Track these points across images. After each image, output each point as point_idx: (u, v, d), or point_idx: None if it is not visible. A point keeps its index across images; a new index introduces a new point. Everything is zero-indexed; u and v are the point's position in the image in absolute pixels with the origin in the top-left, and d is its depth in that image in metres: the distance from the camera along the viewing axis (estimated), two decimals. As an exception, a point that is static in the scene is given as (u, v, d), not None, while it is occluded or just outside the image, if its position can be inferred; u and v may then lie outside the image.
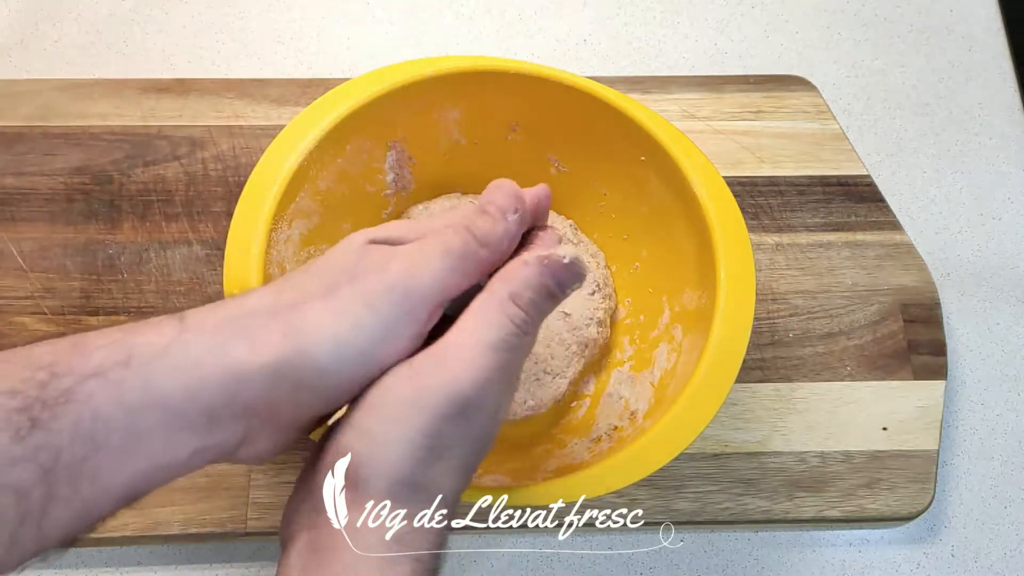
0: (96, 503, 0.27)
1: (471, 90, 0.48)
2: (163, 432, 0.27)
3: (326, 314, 0.28)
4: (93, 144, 0.56)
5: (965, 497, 0.52)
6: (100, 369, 0.26)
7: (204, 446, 0.28)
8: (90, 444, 0.26)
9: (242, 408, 0.28)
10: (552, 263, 0.29)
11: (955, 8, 0.67)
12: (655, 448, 0.40)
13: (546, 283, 0.30)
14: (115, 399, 0.26)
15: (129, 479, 0.27)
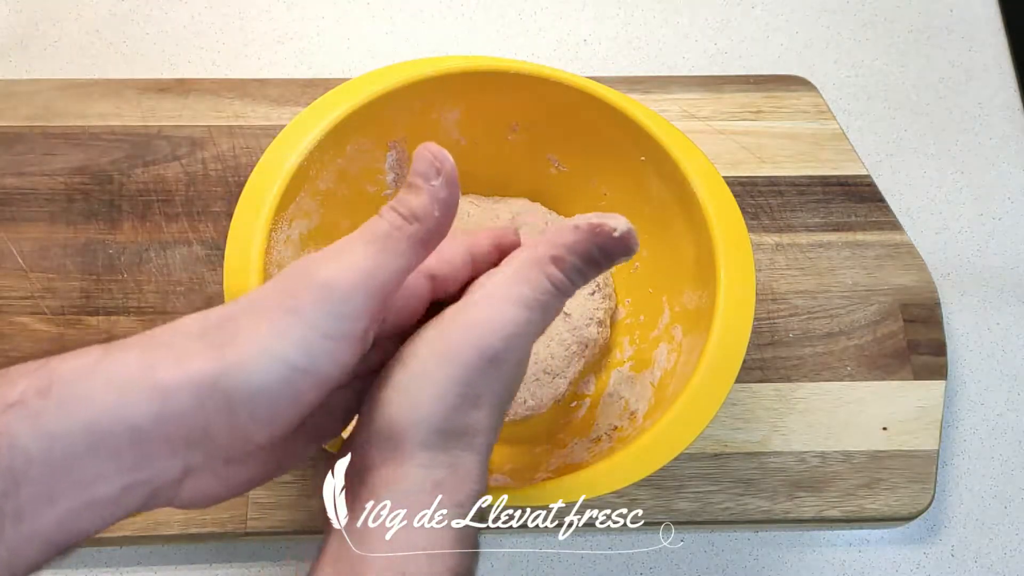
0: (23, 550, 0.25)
1: (471, 90, 0.48)
2: (88, 461, 0.25)
3: (251, 328, 0.27)
4: (93, 144, 0.56)
5: (965, 497, 0.52)
6: (20, 398, 0.25)
7: (137, 480, 0.26)
8: (9, 479, 0.24)
9: (173, 430, 0.26)
10: (603, 232, 0.29)
11: (955, 8, 0.67)
12: (655, 448, 0.40)
13: (592, 251, 0.29)
14: (33, 428, 0.24)
15: (57, 520, 0.25)
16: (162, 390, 0.25)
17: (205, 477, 0.28)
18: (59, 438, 0.24)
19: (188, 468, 0.27)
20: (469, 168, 0.52)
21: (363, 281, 0.28)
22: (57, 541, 0.26)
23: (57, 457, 0.24)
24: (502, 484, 0.44)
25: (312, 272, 0.28)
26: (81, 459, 0.25)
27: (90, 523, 0.26)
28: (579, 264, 0.29)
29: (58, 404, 0.25)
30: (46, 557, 0.26)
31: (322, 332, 0.27)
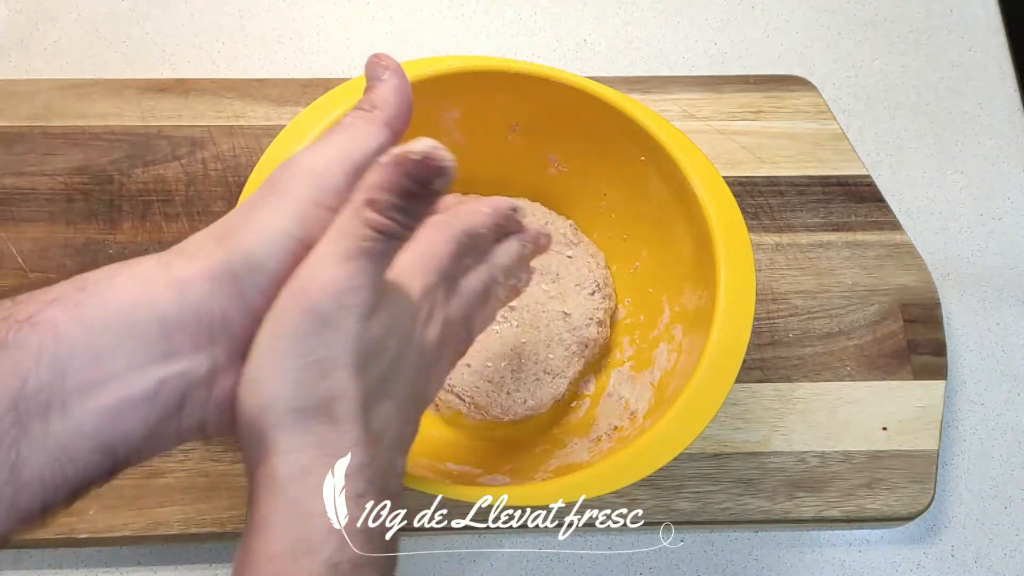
0: (73, 447, 0.26)
1: (471, 90, 0.48)
2: (124, 350, 0.27)
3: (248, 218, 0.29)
4: (93, 144, 0.56)
5: (965, 497, 0.52)
6: (59, 296, 0.27)
7: (170, 373, 0.27)
8: (55, 368, 0.26)
9: (193, 320, 0.28)
10: (404, 160, 0.27)
11: (955, 8, 0.67)
12: (655, 448, 0.40)
13: (401, 182, 0.27)
14: (75, 319, 0.26)
15: (99, 414, 0.26)
16: (179, 283, 0.28)
17: (234, 379, 0.29)
18: (97, 328, 0.27)
19: (215, 365, 0.28)
20: (469, 168, 0.52)
21: (339, 160, 0.30)
22: (104, 442, 0.27)
23: (97, 345, 0.26)
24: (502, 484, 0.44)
25: (293, 164, 0.30)
26: (117, 348, 0.27)
27: (133, 423, 0.27)
28: (394, 200, 0.27)
29: (93, 297, 0.27)
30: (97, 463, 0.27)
31: (312, 202, 0.29)
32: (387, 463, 0.30)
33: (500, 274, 0.38)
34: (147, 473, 0.48)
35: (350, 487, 0.27)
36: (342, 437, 0.28)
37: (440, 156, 0.27)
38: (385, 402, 0.30)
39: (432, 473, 0.44)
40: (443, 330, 0.34)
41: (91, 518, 0.47)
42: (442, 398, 0.50)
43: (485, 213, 0.36)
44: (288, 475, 0.27)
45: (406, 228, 0.28)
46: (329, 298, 0.27)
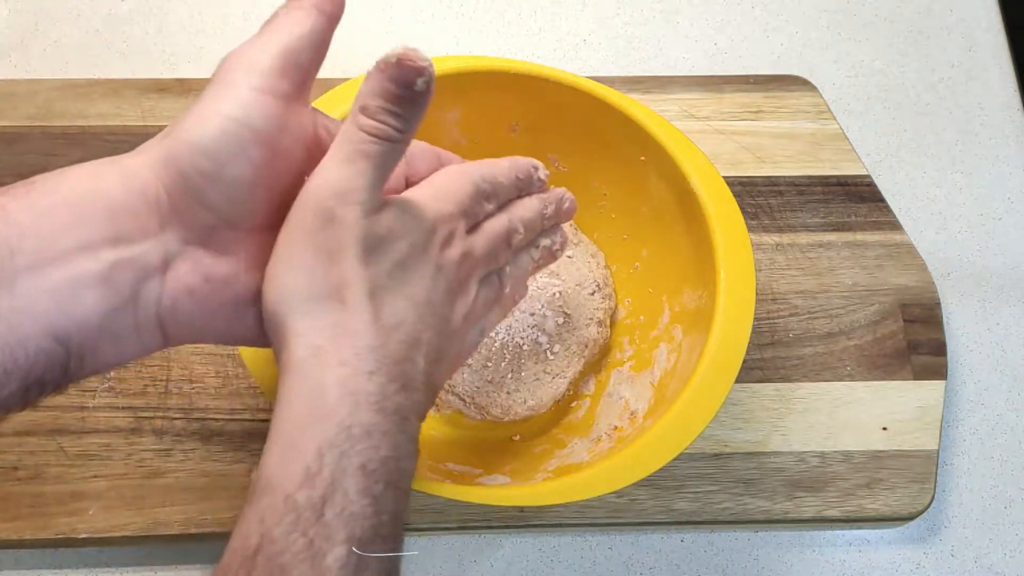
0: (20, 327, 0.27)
1: (471, 90, 0.48)
2: (72, 231, 0.28)
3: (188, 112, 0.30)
4: (93, 144, 0.56)
5: (965, 497, 0.52)
6: (9, 190, 0.28)
7: (120, 258, 0.29)
8: (5, 249, 0.27)
9: (140, 204, 0.29)
10: (386, 65, 0.29)
11: (955, 8, 0.67)
12: (655, 448, 0.40)
13: (386, 86, 0.29)
14: (24, 205, 0.28)
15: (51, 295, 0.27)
16: (126, 170, 0.29)
17: (186, 268, 0.30)
18: (45, 211, 0.28)
19: (167, 253, 0.30)
20: (469, 168, 0.52)
21: (271, 45, 0.31)
22: (55, 325, 0.28)
23: (45, 227, 0.28)
24: (502, 484, 0.44)
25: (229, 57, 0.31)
26: (66, 229, 0.28)
27: (85, 306, 0.28)
28: (383, 104, 0.29)
29: (42, 187, 0.29)
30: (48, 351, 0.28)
31: (247, 86, 0.30)
32: (402, 354, 0.31)
33: (521, 226, 0.39)
34: (147, 473, 0.48)
35: (360, 363, 0.29)
36: (352, 318, 0.30)
37: (414, 56, 0.29)
38: (397, 298, 0.31)
39: (432, 473, 0.44)
40: (463, 260, 0.35)
41: (91, 518, 0.47)
42: (442, 398, 0.50)
43: (503, 164, 0.38)
44: (303, 355, 0.29)
45: (398, 131, 0.30)
46: (333, 196, 0.30)
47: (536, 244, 0.41)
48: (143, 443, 0.49)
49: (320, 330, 0.29)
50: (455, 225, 0.35)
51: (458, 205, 0.35)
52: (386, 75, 0.29)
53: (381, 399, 0.29)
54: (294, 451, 0.28)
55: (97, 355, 0.29)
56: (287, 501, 0.27)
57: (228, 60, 0.31)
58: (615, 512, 0.48)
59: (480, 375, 0.49)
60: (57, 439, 0.49)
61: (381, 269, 0.31)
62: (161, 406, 0.50)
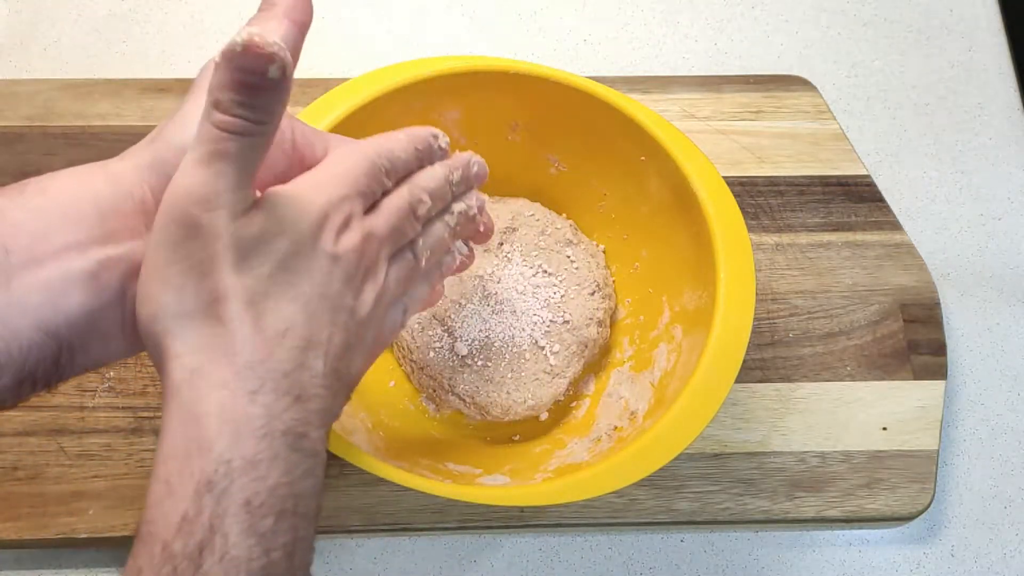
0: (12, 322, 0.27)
1: (471, 90, 0.48)
2: (63, 229, 0.29)
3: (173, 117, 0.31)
4: (93, 144, 0.56)
5: (965, 497, 0.52)
6: (3, 191, 0.29)
7: (109, 256, 0.29)
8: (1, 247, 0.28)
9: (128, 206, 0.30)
10: (230, 53, 0.26)
11: (955, 8, 0.67)
12: (655, 448, 0.40)
13: (234, 76, 0.26)
14: (18, 205, 0.29)
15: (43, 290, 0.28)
16: (114, 174, 0.30)
17: None
18: (38, 211, 0.29)
19: None
20: (469, 168, 0.52)
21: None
22: (46, 321, 0.28)
23: (39, 225, 0.29)
24: (502, 484, 0.44)
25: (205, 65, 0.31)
26: (58, 227, 0.29)
27: (75, 303, 0.29)
28: (235, 96, 0.27)
29: (34, 188, 0.30)
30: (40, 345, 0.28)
31: None
32: (293, 363, 0.29)
33: (426, 196, 0.36)
34: (147, 473, 0.48)
35: (241, 383, 0.27)
36: (229, 335, 0.28)
37: (262, 42, 0.26)
38: (281, 302, 0.29)
39: (432, 473, 0.44)
40: (366, 243, 0.33)
41: (91, 518, 0.47)
42: (442, 398, 0.50)
43: (399, 136, 0.36)
44: (180, 378, 0.27)
45: (257, 124, 0.27)
46: (194, 203, 0.27)
47: (450, 211, 0.39)
48: (143, 443, 0.49)
49: (195, 350, 0.27)
50: (350, 208, 0.32)
51: (352, 186, 0.33)
52: (234, 65, 0.26)
53: (268, 421, 0.27)
54: (170, 493, 0.26)
55: (86, 351, 0.30)
56: (164, 551, 0.25)
57: (206, 67, 0.32)
58: (615, 512, 0.48)
59: (480, 375, 0.49)
60: (57, 439, 0.49)
61: (260, 274, 0.29)
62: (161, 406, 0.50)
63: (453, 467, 0.46)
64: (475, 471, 0.46)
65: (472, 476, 0.46)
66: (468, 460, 0.48)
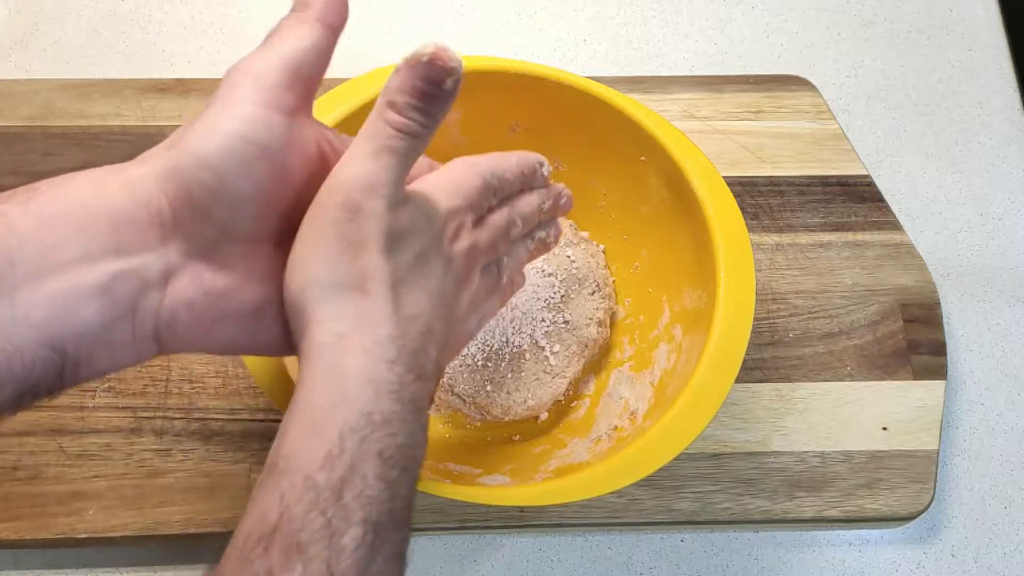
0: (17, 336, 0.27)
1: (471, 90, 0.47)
2: (74, 241, 0.28)
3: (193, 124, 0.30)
4: (93, 144, 0.56)
5: (965, 497, 0.52)
6: (12, 195, 0.28)
7: (121, 269, 0.29)
8: (5, 258, 0.27)
9: (144, 217, 0.29)
10: (415, 62, 0.29)
11: (955, 8, 0.67)
12: (655, 448, 0.40)
13: (415, 83, 0.30)
14: (27, 212, 0.28)
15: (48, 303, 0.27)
16: (130, 180, 0.29)
17: (186, 282, 0.30)
18: (48, 220, 0.28)
19: (168, 266, 0.30)
20: (469, 168, 0.52)
21: (276, 59, 0.31)
22: (53, 335, 0.27)
23: (47, 236, 0.28)
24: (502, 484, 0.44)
25: (234, 70, 0.31)
26: (68, 239, 0.28)
27: (84, 318, 0.28)
28: (411, 101, 0.30)
29: (46, 194, 0.29)
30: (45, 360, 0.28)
31: (252, 102, 0.30)
32: (419, 344, 0.31)
33: (520, 220, 0.40)
34: (147, 473, 0.48)
35: (381, 352, 0.30)
36: (374, 309, 0.30)
37: (447, 56, 0.29)
38: (415, 290, 0.32)
39: (432, 473, 0.44)
40: (470, 252, 0.36)
41: (91, 518, 0.47)
42: (442, 398, 0.50)
43: (512, 159, 0.39)
44: (326, 341, 0.29)
45: (424, 127, 0.30)
46: (360, 189, 0.30)
47: (532, 236, 0.42)
48: (143, 443, 0.49)
49: (343, 318, 0.30)
50: (464, 219, 0.36)
51: (467, 199, 0.36)
52: (416, 72, 0.29)
53: (400, 388, 0.30)
54: (316, 434, 0.28)
55: (92, 363, 0.29)
56: (307, 481, 0.27)
57: (233, 73, 0.31)
58: (615, 512, 0.48)
59: (480, 375, 0.49)
60: (57, 439, 0.49)
61: (402, 261, 0.31)
62: (161, 406, 0.50)
63: (453, 467, 0.46)
64: (475, 471, 0.46)
65: (472, 476, 0.46)
66: (468, 460, 0.48)
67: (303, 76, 0.31)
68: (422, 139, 0.31)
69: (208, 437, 0.49)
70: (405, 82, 0.30)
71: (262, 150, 0.30)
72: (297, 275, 0.30)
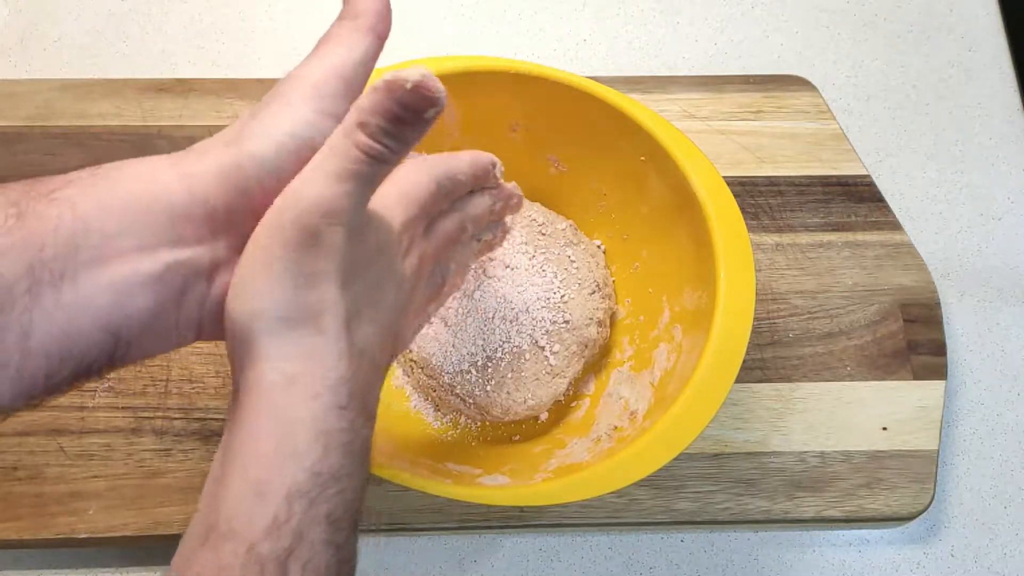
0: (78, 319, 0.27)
1: (471, 90, 0.48)
2: (134, 231, 0.28)
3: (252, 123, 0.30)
4: (93, 144, 0.56)
5: (965, 497, 0.52)
6: (76, 179, 0.29)
7: (176, 259, 0.29)
8: (71, 242, 0.27)
9: (200, 212, 0.29)
10: (396, 86, 0.27)
11: (955, 8, 0.67)
12: (655, 448, 0.40)
13: (392, 108, 0.27)
14: (91, 198, 0.28)
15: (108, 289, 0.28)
16: (188, 176, 0.29)
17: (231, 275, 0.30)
18: (108, 208, 0.28)
19: (216, 259, 0.30)
20: (469, 168, 0.52)
21: (332, 70, 0.31)
22: (109, 320, 0.28)
23: (109, 225, 0.28)
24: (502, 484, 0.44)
25: (293, 76, 0.31)
26: (128, 229, 0.28)
27: (138, 304, 0.28)
28: (384, 125, 0.27)
29: (108, 181, 0.29)
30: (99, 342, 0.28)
31: (312, 109, 0.30)
32: (368, 383, 0.30)
33: (471, 223, 0.39)
34: (147, 473, 0.48)
35: (333, 398, 0.28)
36: (327, 348, 0.29)
37: (431, 87, 0.27)
38: (367, 322, 0.31)
39: (432, 473, 0.44)
40: (419, 266, 0.35)
41: (91, 518, 0.47)
42: (442, 398, 0.50)
43: (465, 160, 0.38)
44: (275, 381, 0.28)
45: (395, 153, 0.28)
46: (319, 215, 0.28)
47: (478, 237, 0.42)
48: (143, 443, 0.49)
49: (294, 358, 0.28)
50: (416, 229, 0.35)
51: (421, 207, 0.35)
52: (395, 97, 0.27)
53: (352, 437, 0.28)
54: (260, 495, 0.27)
55: (140, 346, 0.29)
56: (250, 552, 0.26)
57: (291, 79, 0.31)
58: (615, 512, 0.48)
59: (480, 375, 0.49)
60: (57, 439, 0.49)
61: (357, 293, 0.30)
62: (161, 406, 0.50)
63: (453, 467, 0.46)
64: (475, 471, 0.46)
65: (472, 476, 0.46)
66: (468, 460, 0.48)
67: (354, 86, 0.31)
68: (389, 165, 0.29)
69: (208, 437, 0.49)
70: (381, 105, 0.27)
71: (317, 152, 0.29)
72: (244, 300, 0.29)
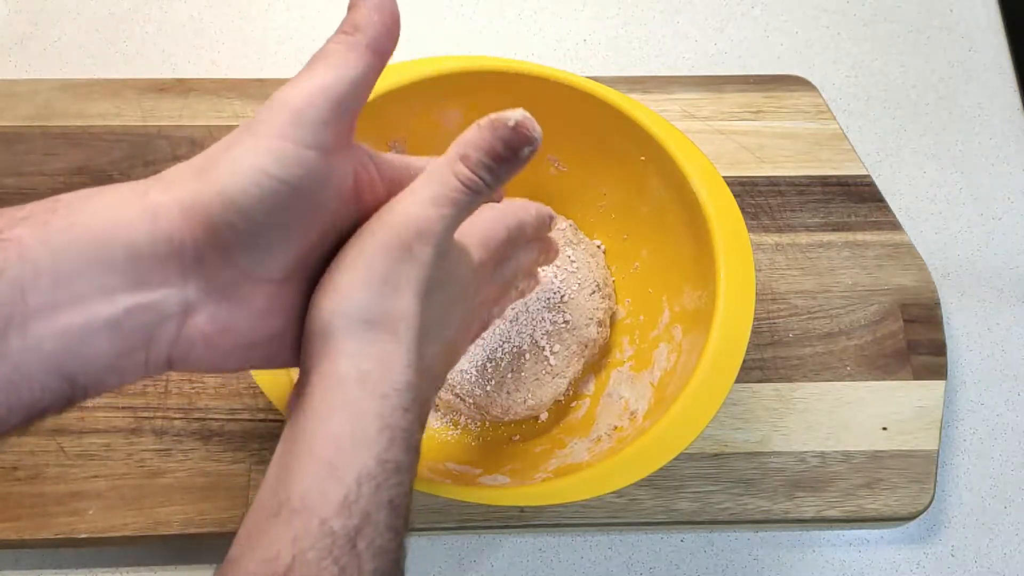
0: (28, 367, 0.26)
1: (471, 90, 0.48)
2: (90, 274, 0.27)
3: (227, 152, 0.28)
4: (93, 144, 0.56)
5: (965, 497, 0.52)
6: (29, 214, 0.27)
7: (138, 303, 0.27)
8: (17, 287, 0.25)
9: (165, 251, 0.27)
10: (500, 125, 0.29)
11: (955, 8, 0.67)
12: (655, 448, 0.40)
13: (494, 145, 0.30)
14: (42, 239, 0.26)
15: (60, 335, 0.26)
16: (153, 209, 0.28)
17: (204, 319, 0.29)
18: (64, 250, 0.26)
19: (187, 303, 0.29)
20: (469, 168, 0.52)
21: (320, 92, 0.29)
22: (63, 368, 0.27)
23: (62, 268, 0.26)
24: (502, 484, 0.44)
25: (274, 98, 0.29)
26: (84, 271, 0.26)
27: (95, 351, 0.27)
28: (484, 159, 0.30)
29: (63, 219, 0.27)
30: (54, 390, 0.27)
31: (290, 140, 0.28)
32: (427, 396, 0.32)
33: (520, 273, 0.41)
34: (147, 473, 0.48)
35: (399, 399, 0.30)
36: (400, 355, 0.30)
37: (531, 126, 0.29)
38: (433, 342, 0.33)
39: (432, 473, 0.44)
40: (482, 304, 0.37)
41: (91, 518, 0.47)
42: (442, 397, 0.50)
43: (532, 214, 0.40)
44: (349, 374, 0.29)
45: (489, 187, 0.31)
46: (416, 233, 0.30)
47: (516, 285, 0.44)
48: (143, 443, 0.49)
49: (369, 356, 0.29)
50: (485, 272, 0.36)
51: (493, 253, 0.37)
52: (497, 134, 0.30)
53: (411, 435, 0.30)
54: (333, 475, 0.28)
55: (105, 384, 0.29)
56: (323, 526, 0.27)
57: (272, 104, 0.29)
58: (615, 512, 0.48)
59: (480, 375, 0.49)
60: (57, 439, 0.49)
61: (432, 311, 0.32)
62: (161, 406, 0.50)
63: (453, 467, 0.46)
64: (475, 471, 0.46)
65: (472, 476, 0.46)
66: (468, 460, 0.48)
67: (346, 110, 0.30)
68: (483, 196, 0.31)
69: (208, 437, 0.49)
70: (483, 140, 0.30)
71: (296, 192, 0.28)
72: (331, 298, 0.30)
